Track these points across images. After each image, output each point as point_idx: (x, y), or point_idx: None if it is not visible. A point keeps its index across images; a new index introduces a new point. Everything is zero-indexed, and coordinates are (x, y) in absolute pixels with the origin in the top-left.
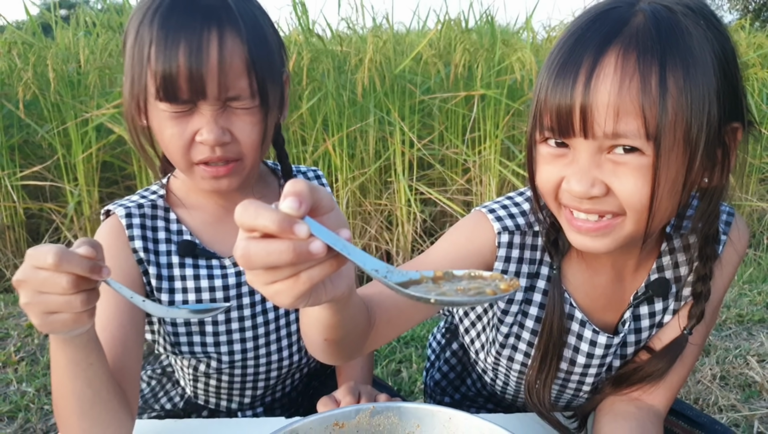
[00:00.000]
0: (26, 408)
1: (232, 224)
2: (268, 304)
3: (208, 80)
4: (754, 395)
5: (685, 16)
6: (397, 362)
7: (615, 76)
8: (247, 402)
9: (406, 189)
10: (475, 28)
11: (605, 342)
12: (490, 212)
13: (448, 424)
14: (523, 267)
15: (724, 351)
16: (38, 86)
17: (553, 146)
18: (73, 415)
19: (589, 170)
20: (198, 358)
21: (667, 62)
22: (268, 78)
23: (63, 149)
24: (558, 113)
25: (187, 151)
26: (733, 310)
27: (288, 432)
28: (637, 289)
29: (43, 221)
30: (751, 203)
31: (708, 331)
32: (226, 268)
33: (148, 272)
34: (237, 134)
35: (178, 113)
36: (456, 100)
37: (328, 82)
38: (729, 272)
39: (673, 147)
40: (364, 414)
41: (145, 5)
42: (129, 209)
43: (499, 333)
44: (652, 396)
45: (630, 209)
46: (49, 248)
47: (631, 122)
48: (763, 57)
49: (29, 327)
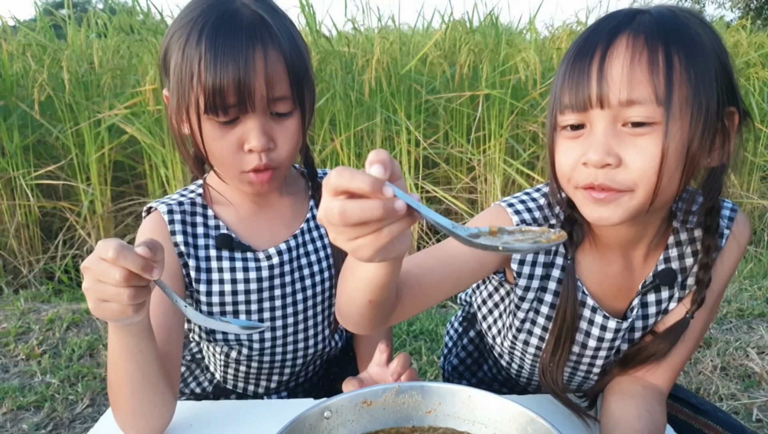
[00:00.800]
0: (51, 398)
1: (264, 220)
2: (298, 295)
3: (255, 95)
4: (753, 385)
5: (684, 17)
6: None
7: (626, 53)
8: (273, 386)
9: (412, 187)
10: (479, 28)
11: (614, 327)
12: (509, 206)
13: (468, 401)
14: (539, 257)
15: (725, 344)
16: (52, 87)
17: (571, 129)
18: (125, 393)
19: (605, 140)
20: (230, 345)
21: (672, 44)
22: (306, 86)
23: (76, 148)
24: (577, 88)
25: (236, 160)
26: (734, 304)
27: (321, 408)
28: (645, 278)
29: (56, 219)
30: (752, 200)
31: (709, 320)
32: (260, 261)
33: (188, 264)
34: (279, 141)
35: (226, 124)
36: (461, 99)
37: (336, 82)
38: (730, 264)
39: (681, 115)
40: (390, 392)
41: (187, 23)
42: (170, 206)
43: (516, 318)
44: (655, 376)
45: (640, 180)
46: (112, 243)
47: (643, 89)
48: (764, 56)
49: (50, 321)
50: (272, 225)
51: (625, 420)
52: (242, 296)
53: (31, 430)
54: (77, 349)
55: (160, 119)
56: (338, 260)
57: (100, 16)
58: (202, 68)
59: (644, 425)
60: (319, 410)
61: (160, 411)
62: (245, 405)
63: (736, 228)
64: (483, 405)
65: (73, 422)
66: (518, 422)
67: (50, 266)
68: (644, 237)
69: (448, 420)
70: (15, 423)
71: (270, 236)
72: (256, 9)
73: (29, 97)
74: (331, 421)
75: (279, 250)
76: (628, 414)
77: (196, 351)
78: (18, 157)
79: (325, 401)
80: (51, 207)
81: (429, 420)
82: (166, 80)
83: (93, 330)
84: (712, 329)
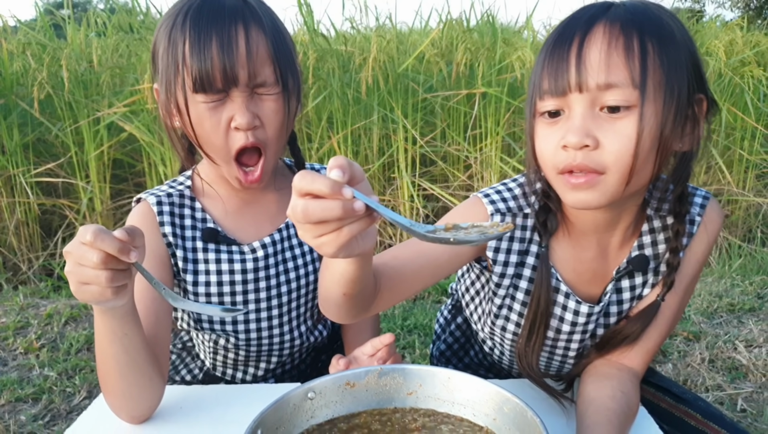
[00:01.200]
0: (49, 391)
1: (251, 214)
2: (283, 288)
3: (239, 69)
4: (740, 376)
5: (656, 8)
6: (401, 348)
7: (604, 39)
8: (261, 374)
9: (409, 185)
10: (476, 27)
11: (587, 311)
12: (485, 197)
13: (447, 383)
14: (513, 245)
15: (714, 337)
16: (52, 86)
17: (550, 116)
18: (113, 375)
19: (583, 123)
20: (218, 334)
21: (645, 31)
22: (289, 67)
23: (75, 146)
24: (556, 73)
25: (226, 139)
26: (725, 299)
27: (305, 389)
28: (619, 265)
29: (56, 217)
30: (747, 198)
31: (681, 304)
32: (245, 254)
33: (176, 254)
34: (264, 119)
35: (213, 102)
36: (458, 98)
37: (333, 81)
38: (701, 250)
39: (655, 99)
40: (373, 374)
41: (173, 13)
42: (159, 197)
43: (494, 304)
44: (629, 359)
45: (615, 163)
46: (91, 227)
47: (620, 72)
48: (758, 55)
49: (48, 316)
50: (258, 220)
51: (599, 399)
52: (227, 288)
53: (29, 421)
54: (75, 343)
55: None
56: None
57: (99, 15)
58: (187, 49)
59: (617, 404)
60: (303, 391)
61: (148, 393)
62: (233, 389)
63: (707, 216)
64: (462, 386)
65: (70, 413)
66: (494, 402)
67: (49, 263)
68: (619, 224)
69: (429, 401)
70: (13, 415)
71: (255, 231)
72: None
73: (29, 96)
74: (315, 402)
75: (263, 244)
76: (602, 394)
77: (187, 339)
78: (18, 155)
79: (309, 382)
80: (50, 205)
81: (410, 401)
82: (156, 74)
83: (91, 325)
84: (702, 323)
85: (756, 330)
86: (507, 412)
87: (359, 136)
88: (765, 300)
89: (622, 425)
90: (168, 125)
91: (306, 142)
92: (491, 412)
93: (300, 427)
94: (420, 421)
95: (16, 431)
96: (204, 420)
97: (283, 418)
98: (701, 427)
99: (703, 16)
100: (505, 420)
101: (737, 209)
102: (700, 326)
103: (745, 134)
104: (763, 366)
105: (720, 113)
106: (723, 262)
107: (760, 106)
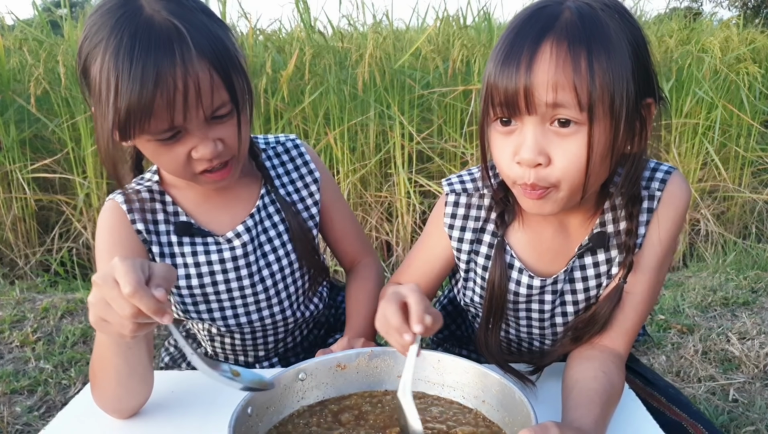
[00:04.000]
0: (45, 383)
1: (223, 201)
2: (264, 272)
3: (191, 114)
4: (732, 367)
5: (603, 12)
6: None
7: (551, 60)
8: (262, 355)
9: (405, 181)
10: (473, 24)
11: (539, 285)
12: (449, 184)
13: (438, 365)
14: (469, 223)
15: (708, 330)
16: (48, 82)
17: (502, 125)
18: (111, 382)
19: (535, 140)
20: (207, 322)
21: (593, 48)
22: (236, 76)
23: (72, 142)
24: (506, 95)
25: (187, 167)
26: (719, 293)
27: (296, 370)
28: (582, 241)
29: (53, 212)
30: (743, 195)
31: (655, 282)
32: (221, 244)
33: (152, 250)
34: (226, 140)
35: (166, 139)
36: (454, 94)
37: (330, 77)
38: (666, 227)
39: (602, 118)
40: (363, 357)
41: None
42: (127, 195)
43: (462, 271)
44: (610, 340)
45: (566, 177)
46: (131, 277)
47: (567, 94)
48: (754, 52)
49: (44, 310)
50: (230, 206)
51: (582, 380)
52: (208, 279)
53: (24, 413)
54: (71, 336)
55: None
56: (296, 231)
57: None
58: (131, 101)
59: (600, 384)
60: (294, 372)
61: (141, 396)
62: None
63: (668, 191)
64: (452, 367)
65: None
66: (483, 384)
67: (46, 259)
68: (579, 208)
69: (419, 384)
70: (9, 406)
71: (229, 218)
72: (167, 17)
73: (26, 92)
74: (306, 383)
75: (237, 233)
76: (585, 376)
77: (189, 327)
78: (15, 151)
79: (300, 364)
80: (47, 200)
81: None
82: (90, 97)
83: (86, 318)
84: (696, 317)
85: (749, 322)
86: (495, 394)
87: (356, 132)
88: (759, 294)
89: (605, 404)
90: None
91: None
92: (480, 394)
93: (291, 408)
94: None
95: (11, 422)
96: (196, 404)
97: (273, 398)
98: (662, 409)
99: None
100: (494, 402)
101: (733, 205)
102: (694, 319)
103: (740, 131)
104: (755, 357)
105: (716, 110)
106: (718, 257)
107: (755, 103)
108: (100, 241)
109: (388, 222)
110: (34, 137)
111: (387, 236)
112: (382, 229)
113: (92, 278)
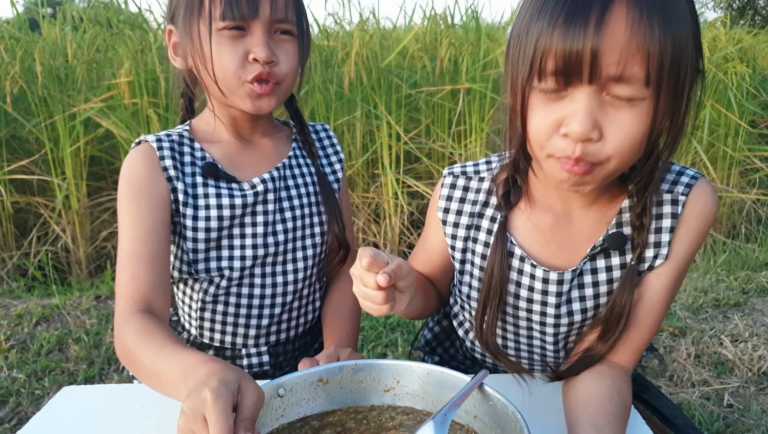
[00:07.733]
0: (17, 393)
1: (248, 157)
2: (279, 226)
3: (262, 6)
4: (726, 371)
5: None
6: (384, 346)
7: (626, 23)
8: (252, 334)
9: (393, 182)
10: (460, 23)
11: (541, 276)
12: (448, 169)
13: (426, 378)
14: (465, 207)
15: (700, 333)
16: (25, 80)
17: (550, 90)
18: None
19: (590, 112)
20: (211, 276)
21: (667, 21)
22: (304, 17)
23: (51, 143)
24: (567, 57)
25: (241, 70)
26: (710, 295)
27: (275, 385)
28: (594, 242)
29: (31, 215)
30: (731, 194)
31: (669, 297)
32: (244, 190)
33: (177, 188)
34: (280, 58)
35: (235, 32)
36: (442, 93)
37: (315, 76)
38: (693, 234)
39: (665, 95)
40: (348, 370)
41: None
42: (159, 136)
43: (457, 270)
44: (618, 356)
45: (617, 154)
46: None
47: (636, 69)
48: (741, 51)
49: (18, 316)
50: (255, 162)
51: (597, 398)
52: (226, 222)
53: None
54: (46, 344)
55: (136, 113)
56: (327, 195)
57: (75, 9)
58: None
59: (616, 408)
60: (273, 387)
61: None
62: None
63: (694, 195)
64: (441, 380)
65: None
66: (475, 398)
67: (24, 263)
68: (591, 199)
69: (407, 398)
70: None
71: (253, 171)
72: None
73: (1, 91)
74: (285, 400)
75: (263, 179)
76: (599, 394)
77: (172, 313)
78: None
79: (278, 379)
80: (25, 203)
81: (388, 398)
82: (170, 12)
83: (63, 325)
84: (688, 319)
85: (741, 324)
86: (487, 409)
87: (342, 132)
88: (750, 295)
89: (623, 429)
90: (183, 67)
91: None
92: (472, 409)
93: (269, 426)
94: (398, 419)
95: None
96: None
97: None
98: None
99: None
100: (486, 417)
101: (721, 205)
102: (686, 321)
103: (728, 130)
104: (749, 360)
105: (704, 110)
106: (708, 258)
107: (743, 102)
108: (124, 186)
109: (376, 224)
110: (10, 138)
111: (374, 238)
112: (369, 231)
113: (182, 407)
